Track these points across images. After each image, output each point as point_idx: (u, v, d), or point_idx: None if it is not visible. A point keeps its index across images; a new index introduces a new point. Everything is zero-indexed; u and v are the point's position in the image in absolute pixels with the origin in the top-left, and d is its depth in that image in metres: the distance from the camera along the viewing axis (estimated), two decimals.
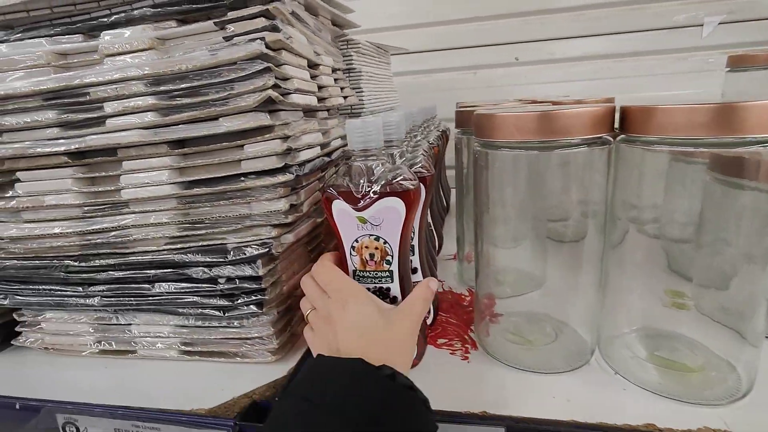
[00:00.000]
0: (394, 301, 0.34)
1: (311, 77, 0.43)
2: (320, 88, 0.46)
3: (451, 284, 0.52)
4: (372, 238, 0.32)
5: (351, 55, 0.64)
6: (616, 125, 0.32)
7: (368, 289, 0.33)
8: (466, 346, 0.39)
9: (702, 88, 0.96)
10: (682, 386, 0.32)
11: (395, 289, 0.33)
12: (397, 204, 0.31)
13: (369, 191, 0.31)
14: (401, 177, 0.31)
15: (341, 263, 0.33)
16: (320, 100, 0.45)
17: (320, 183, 0.44)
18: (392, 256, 0.32)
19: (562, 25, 0.98)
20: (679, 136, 0.27)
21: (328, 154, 0.47)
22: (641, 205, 0.34)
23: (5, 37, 0.38)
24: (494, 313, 0.41)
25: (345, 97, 0.54)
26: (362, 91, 0.65)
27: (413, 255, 0.39)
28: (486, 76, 1.05)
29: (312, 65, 0.44)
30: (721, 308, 0.35)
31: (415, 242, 0.39)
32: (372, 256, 0.32)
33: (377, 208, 0.31)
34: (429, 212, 0.57)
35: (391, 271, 0.33)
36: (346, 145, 0.55)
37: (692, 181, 0.32)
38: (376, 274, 0.33)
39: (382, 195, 0.31)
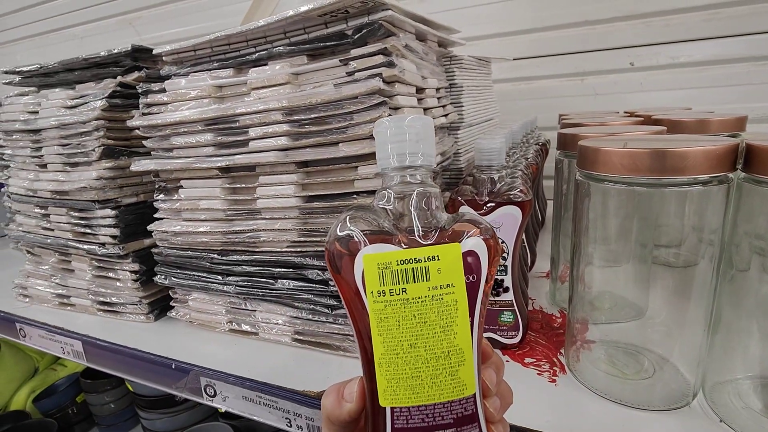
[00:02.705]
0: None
1: (418, 101, 0.47)
2: (426, 110, 0.49)
3: (542, 303, 0.52)
4: None
5: (453, 71, 0.66)
6: (740, 161, 0.30)
7: None
8: (554, 368, 0.40)
9: None
10: None
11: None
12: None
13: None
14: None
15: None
16: None
17: None
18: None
19: (691, 25, 0.89)
20: None
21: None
22: (763, 238, 0.32)
23: (177, 71, 0.48)
24: (586, 339, 0.41)
25: (446, 115, 0.57)
26: (462, 106, 0.67)
27: (505, 275, 0.41)
28: (594, 83, 1.00)
29: (419, 90, 0.47)
30: None
31: (509, 262, 0.41)
32: None
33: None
34: None
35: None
36: (445, 161, 0.58)
37: None
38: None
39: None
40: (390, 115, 0.38)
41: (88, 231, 0.54)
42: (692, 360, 0.35)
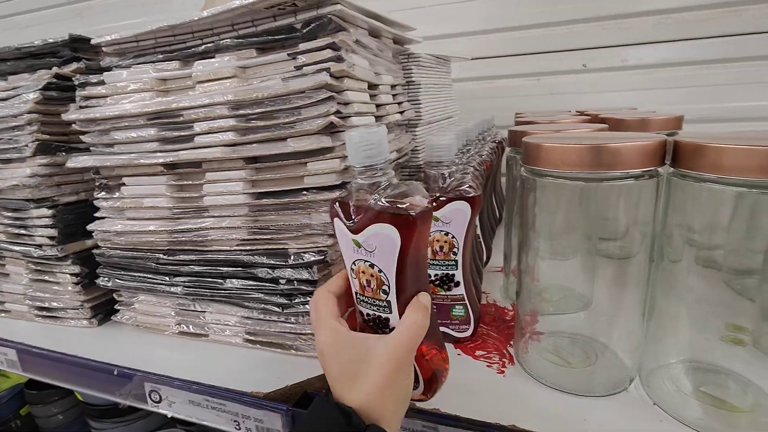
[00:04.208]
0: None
1: (371, 96, 0.47)
2: (379, 106, 0.49)
3: (496, 297, 0.53)
4: (367, 264, 0.28)
5: (411, 69, 0.66)
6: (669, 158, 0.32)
7: (368, 314, 0.30)
8: (504, 360, 0.41)
9: None
10: (726, 426, 0.31)
11: (394, 319, 0.29)
12: (390, 232, 0.26)
13: (363, 213, 0.27)
14: (402, 200, 0.27)
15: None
16: (378, 117, 0.49)
17: None
18: (388, 286, 0.28)
19: (640, 30, 0.93)
20: (734, 177, 0.27)
21: None
22: (696, 231, 0.33)
23: (119, 62, 0.46)
24: (535, 331, 0.42)
25: (402, 112, 0.57)
26: (420, 103, 0.68)
27: (456, 269, 0.41)
28: (550, 83, 1.03)
29: (372, 86, 0.47)
30: None
31: (459, 257, 0.41)
32: (368, 282, 0.29)
33: (370, 233, 0.27)
34: (479, 224, 0.58)
35: (389, 301, 0.28)
36: (401, 157, 0.58)
37: (757, 210, 0.31)
38: (374, 301, 0.29)
39: (373, 219, 0.27)
40: (338, 111, 0.37)
41: (23, 232, 0.51)
42: (630, 346, 0.37)
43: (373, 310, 0.30)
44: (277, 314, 0.42)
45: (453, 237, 0.40)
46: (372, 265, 0.28)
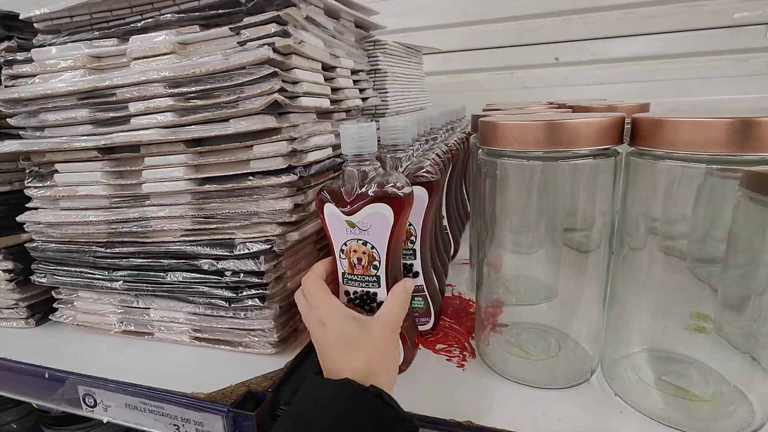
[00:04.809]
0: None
1: (327, 79, 0.44)
2: (337, 90, 0.46)
3: (462, 289, 0.52)
4: (360, 242, 0.32)
5: (377, 56, 0.64)
6: (627, 136, 0.30)
7: (356, 292, 0.34)
8: (464, 353, 0.39)
9: (763, 92, 0.88)
10: (687, 416, 0.30)
11: (382, 294, 0.33)
12: (385, 210, 0.31)
13: (357, 197, 0.32)
14: (392, 184, 0.31)
15: (335, 267, 0.34)
16: (336, 101, 0.46)
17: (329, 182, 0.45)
18: (379, 262, 0.32)
19: (607, 24, 0.94)
20: (690, 152, 0.25)
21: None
22: (655, 217, 0.32)
23: (53, 40, 0.42)
24: (497, 323, 0.40)
25: (364, 99, 0.55)
26: (387, 92, 0.66)
27: (414, 259, 0.39)
28: (523, 77, 1.02)
29: (328, 68, 0.45)
30: (740, 332, 0.32)
31: (417, 246, 0.39)
32: (360, 260, 0.33)
33: (365, 213, 0.31)
34: (446, 216, 0.56)
35: (378, 276, 0.33)
36: None
37: (717, 196, 0.30)
38: (364, 278, 0.33)
39: (370, 200, 0.31)
40: (283, 88, 0.35)
41: None
42: (592, 337, 0.36)
43: (362, 287, 0.34)
44: (224, 309, 0.40)
45: (410, 225, 0.38)
46: (365, 243, 0.32)
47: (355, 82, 0.53)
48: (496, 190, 0.35)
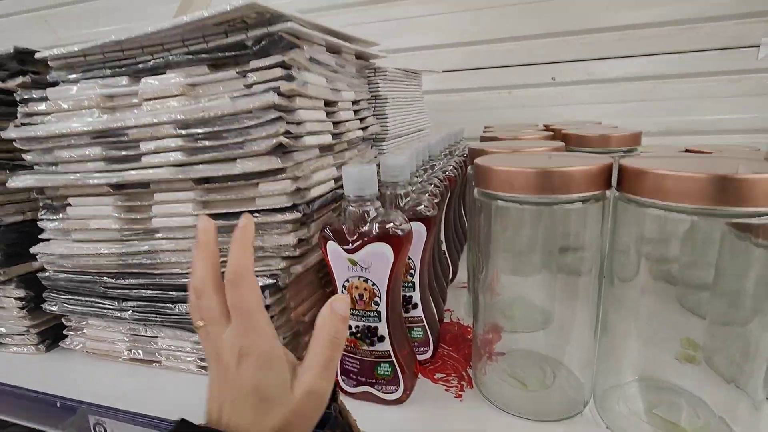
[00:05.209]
0: (381, 339, 0.35)
1: (328, 113, 0.46)
2: (338, 123, 0.48)
3: (460, 315, 0.53)
4: (361, 279, 0.34)
5: (378, 83, 0.66)
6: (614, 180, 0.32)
7: (358, 326, 0.35)
8: (462, 383, 0.40)
9: (756, 113, 0.90)
10: None
11: (383, 328, 0.35)
12: (385, 249, 0.33)
13: (359, 236, 0.33)
14: (392, 224, 0.34)
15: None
16: (337, 135, 0.48)
17: (333, 213, 0.47)
18: (380, 297, 0.34)
19: (604, 45, 0.96)
20: (673, 203, 0.27)
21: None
22: (643, 253, 0.34)
23: (66, 77, 0.44)
24: (493, 351, 0.41)
25: (365, 128, 0.56)
26: (387, 117, 0.67)
27: (413, 291, 0.41)
28: (521, 96, 1.04)
29: (330, 103, 0.46)
30: (727, 363, 0.34)
31: (416, 278, 0.40)
32: (361, 296, 0.35)
33: (366, 252, 0.33)
34: (444, 241, 0.58)
35: (379, 311, 0.35)
36: None
37: (704, 234, 0.31)
38: (365, 313, 0.35)
39: (371, 240, 0.33)
40: (288, 131, 0.37)
41: None
42: (585, 366, 0.37)
43: (363, 321, 0.35)
44: None
45: (409, 258, 0.40)
46: (366, 280, 0.34)
47: (355, 112, 0.54)
48: (490, 226, 0.37)
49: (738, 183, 0.25)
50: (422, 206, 0.39)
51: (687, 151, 0.67)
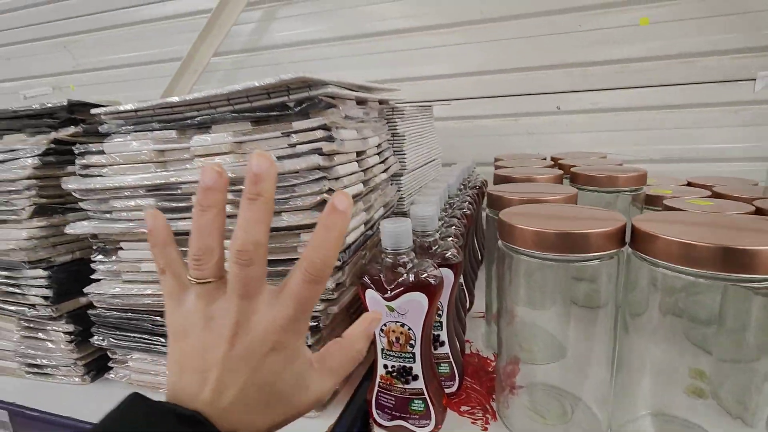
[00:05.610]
0: (415, 378, 0.39)
1: (358, 162, 0.50)
2: (366, 169, 0.52)
3: (479, 346, 0.56)
4: (398, 324, 0.38)
5: (396, 122, 0.70)
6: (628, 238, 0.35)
7: (393, 366, 0.39)
8: (487, 416, 0.43)
9: (754, 142, 0.94)
10: None
11: (417, 368, 0.39)
12: (421, 298, 0.37)
13: (396, 285, 0.37)
14: (426, 273, 0.37)
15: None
16: (365, 181, 0.52)
17: (361, 253, 0.50)
18: (415, 341, 0.38)
19: (605, 76, 1.00)
20: (680, 265, 0.31)
21: (371, 227, 0.53)
22: (657, 301, 0.37)
23: (117, 129, 0.48)
24: (515, 385, 0.45)
25: (387, 169, 0.60)
26: (405, 154, 0.71)
27: (441, 330, 0.44)
28: (527, 123, 1.09)
29: (359, 152, 0.50)
30: (733, 397, 0.37)
31: (444, 318, 0.44)
32: (398, 339, 0.38)
33: (403, 300, 0.37)
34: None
35: (414, 353, 0.38)
36: (388, 211, 0.61)
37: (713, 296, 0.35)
38: (401, 354, 0.39)
39: (408, 289, 0.37)
40: (330, 189, 0.40)
41: (17, 291, 0.52)
42: (602, 401, 0.40)
43: (399, 362, 0.39)
44: None
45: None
46: (403, 325, 0.38)
47: (378, 155, 0.58)
48: (512, 271, 0.40)
49: (741, 253, 0.28)
50: (449, 253, 0.43)
51: (689, 184, 0.71)
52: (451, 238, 0.47)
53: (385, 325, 0.38)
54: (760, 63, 0.91)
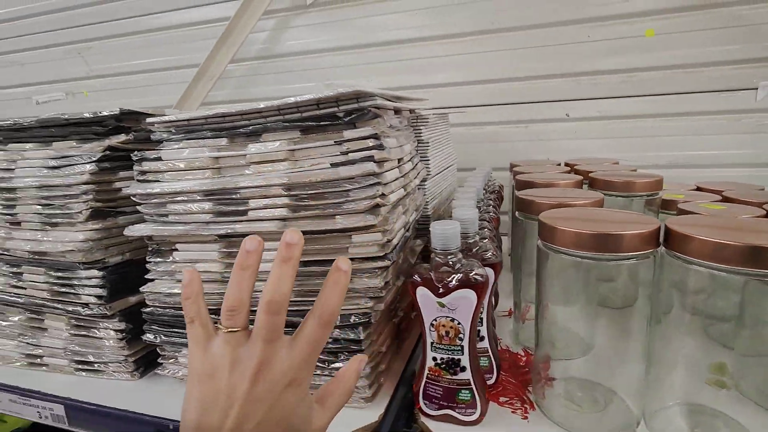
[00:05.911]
0: (463, 369, 0.42)
1: (399, 170, 0.53)
2: (404, 176, 0.55)
3: (508, 342, 0.59)
4: (448, 318, 0.41)
5: (420, 130, 0.73)
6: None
7: (443, 359, 0.42)
8: (525, 406, 0.46)
9: (755, 149, 0.98)
10: None
11: (465, 360, 0.42)
12: (470, 294, 0.40)
13: (448, 283, 0.40)
14: (474, 272, 0.41)
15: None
16: (403, 187, 0.55)
17: (403, 254, 0.53)
18: (464, 334, 0.41)
19: (612, 85, 1.04)
20: (713, 263, 0.34)
21: (407, 229, 0.56)
22: (689, 300, 0.40)
23: (170, 137, 0.50)
24: (549, 377, 0.48)
25: (417, 174, 0.63)
26: (429, 160, 0.75)
27: (482, 326, 0.47)
28: (537, 130, 1.12)
29: (399, 159, 0.53)
30: (756, 389, 0.40)
31: (484, 315, 0.47)
32: (447, 333, 0.41)
33: (454, 297, 0.40)
34: None
35: (462, 346, 0.41)
36: (417, 219, 0.64)
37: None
38: (450, 347, 0.42)
39: (458, 287, 0.40)
40: (383, 192, 0.43)
41: (70, 291, 0.54)
42: (635, 392, 0.43)
43: (448, 354, 0.42)
44: (321, 369, 0.47)
45: None
46: (453, 320, 0.41)
47: (411, 162, 0.61)
48: (550, 269, 0.44)
49: (765, 251, 0.32)
50: (489, 253, 0.46)
51: (699, 188, 0.74)
52: (486, 240, 0.50)
53: (435, 320, 0.41)
54: (761, 73, 0.95)
